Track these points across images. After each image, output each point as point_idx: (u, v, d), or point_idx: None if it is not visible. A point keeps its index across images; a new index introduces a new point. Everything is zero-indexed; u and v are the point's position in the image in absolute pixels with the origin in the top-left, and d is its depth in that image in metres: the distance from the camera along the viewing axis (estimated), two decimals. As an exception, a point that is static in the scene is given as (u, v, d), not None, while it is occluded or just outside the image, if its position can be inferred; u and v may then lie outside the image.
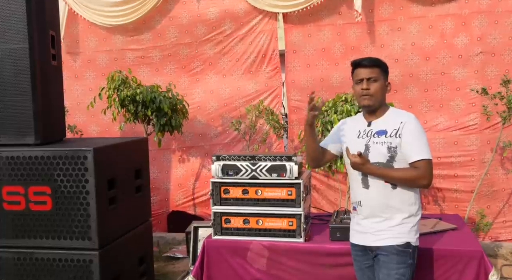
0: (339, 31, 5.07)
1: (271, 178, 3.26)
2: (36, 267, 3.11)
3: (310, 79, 5.21)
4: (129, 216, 3.54)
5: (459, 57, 4.81)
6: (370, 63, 2.52)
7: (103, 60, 5.69)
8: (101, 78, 5.62)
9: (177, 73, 5.54)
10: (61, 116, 3.57)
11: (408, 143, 2.44)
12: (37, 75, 3.13)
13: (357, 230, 2.62)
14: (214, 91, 5.48)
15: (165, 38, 5.51)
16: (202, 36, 5.41)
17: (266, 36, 5.29)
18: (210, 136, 5.55)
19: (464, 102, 4.82)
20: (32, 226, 3.08)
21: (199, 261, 3.36)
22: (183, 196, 5.65)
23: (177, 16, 5.45)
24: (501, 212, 4.86)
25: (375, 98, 2.51)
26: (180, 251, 5.05)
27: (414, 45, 4.90)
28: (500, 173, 4.81)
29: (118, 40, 5.62)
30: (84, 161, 2.98)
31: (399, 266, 2.44)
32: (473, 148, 4.83)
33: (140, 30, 5.56)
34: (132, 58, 5.61)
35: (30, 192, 3.06)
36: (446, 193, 4.93)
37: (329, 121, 4.23)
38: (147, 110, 4.82)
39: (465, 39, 4.78)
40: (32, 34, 3.09)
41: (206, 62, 5.48)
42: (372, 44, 5.01)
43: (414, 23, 4.89)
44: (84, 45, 5.68)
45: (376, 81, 2.51)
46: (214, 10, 5.35)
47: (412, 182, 2.45)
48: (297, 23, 5.19)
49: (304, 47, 5.20)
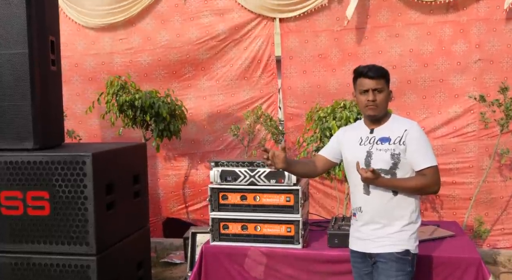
0: (337, 37, 5.06)
1: (270, 184, 3.26)
2: (33, 272, 3.09)
3: (306, 85, 5.19)
4: (127, 221, 3.54)
5: (457, 64, 4.82)
6: (376, 74, 2.50)
7: (90, 64, 5.55)
8: (87, 82, 5.52)
9: (166, 79, 5.42)
10: (60, 121, 3.57)
11: (414, 151, 2.44)
12: (36, 80, 3.13)
13: (357, 236, 2.62)
14: (207, 97, 5.41)
15: (155, 41, 5.39)
16: (195, 40, 5.31)
17: (262, 42, 5.24)
18: (202, 143, 5.47)
19: (462, 109, 4.83)
20: (30, 231, 3.07)
21: (197, 267, 3.35)
22: (177, 203, 5.59)
23: (169, 19, 5.33)
24: (499, 219, 4.86)
25: (380, 108, 2.52)
26: (178, 257, 5.03)
27: (412, 51, 4.91)
28: (498, 180, 4.81)
29: (106, 43, 5.48)
30: (82, 166, 2.98)
31: (398, 274, 2.44)
32: (471, 155, 4.85)
33: (129, 33, 5.42)
34: (120, 62, 5.47)
35: (28, 197, 3.05)
36: (444, 200, 4.93)
37: (327, 128, 4.24)
38: (145, 115, 4.82)
39: (464, 46, 4.80)
40: (32, 40, 3.09)
41: (199, 67, 5.37)
42: (369, 50, 5.00)
43: (412, 29, 4.89)
44: (72, 48, 5.50)
45: (381, 91, 2.51)
46: (208, 14, 5.26)
47: (424, 190, 2.49)
48: (294, 29, 5.17)
49: (301, 53, 5.17)
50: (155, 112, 4.80)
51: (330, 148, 2.79)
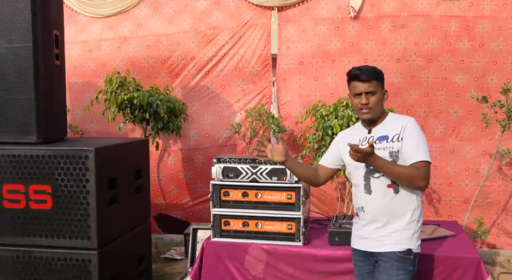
0: (337, 26, 4.85)
1: (271, 182, 3.27)
2: (34, 265, 3.11)
3: (303, 77, 4.98)
4: (128, 216, 3.55)
5: (461, 62, 4.73)
6: (367, 77, 2.50)
7: (77, 52, 5.35)
8: (72, 71, 5.26)
9: (155, 68, 5.21)
10: (63, 115, 3.59)
11: (409, 144, 2.44)
12: (40, 74, 3.14)
13: (359, 235, 2.62)
14: (195, 89, 5.20)
15: (146, 28, 5.18)
16: (187, 28, 5.10)
17: (258, 31, 5.03)
18: (191, 141, 5.30)
19: (463, 110, 4.76)
20: (32, 224, 3.09)
21: (198, 262, 3.36)
22: (166, 200, 5.47)
23: (162, 5, 5.13)
24: (499, 219, 4.86)
25: (374, 111, 2.53)
26: (178, 252, 5.04)
27: (417, 45, 4.76)
28: (497, 183, 4.78)
29: (96, 30, 5.30)
30: (85, 161, 2.99)
31: (399, 273, 2.45)
32: (469, 157, 4.81)
33: (120, 19, 5.22)
34: (108, 50, 5.28)
35: (30, 190, 3.07)
36: (442, 202, 4.91)
37: (329, 126, 4.24)
38: (144, 114, 4.75)
39: (468, 44, 4.70)
40: (36, 33, 3.10)
41: (188, 57, 5.16)
42: (372, 40, 4.82)
43: (418, 21, 4.73)
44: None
45: (374, 94, 2.51)
46: (203, 1, 5.07)
47: (411, 180, 2.41)
48: (292, 18, 4.94)
49: (298, 43, 4.93)
50: (153, 111, 4.73)
51: (330, 156, 2.79)
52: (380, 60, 4.82)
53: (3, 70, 3.13)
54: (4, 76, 3.14)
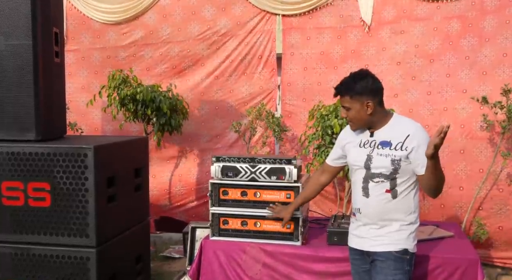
0: (340, 34, 5.01)
1: (270, 181, 3.27)
2: (33, 263, 3.11)
3: (307, 82, 5.13)
4: (127, 214, 3.55)
5: (466, 59, 4.68)
6: (340, 93, 2.54)
7: (97, 58, 5.61)
8: (93, 76, 5.58)
9: (167, 73, 5.43)
10: (62, 113, 3.58)
11: (421, 155, 2.32)
12: (40, 72, 3.13)
13: (356, 234, 2.63)
14: (205, 93, 5.39)
15: (157, 36, 5.42)
16: (196, 35, 5.32)
17: (264, 37, 5.21)
18: (199, 139, 5.44)
19: (471, 106, 4.64)
20: (30, 222, 3.09)
21: (196, 261, 3.36)
22: (168, 201, 5.54)
23: (171, 13, 5.35)
24: (498, 219, 4.84)
25: (355, 124, 2.56)
26: (177, 251, 5.05)
27: (418, 47, 4.79)
28: (498, 184, 4.75)
29: (111, 37, 5.54)
30: (84, 159, 2.99)
31: (395, 272, 2.45)
32: (475, 157, 4.76)
33: (132, 27, 5.47)
34: (124, 56, 5.51)
35: (29, 188, 3.06)
36: (443, 203, 4.89)
37: (329, 126, 4.24)
38: (147, 109, 4.82)
39: (473, 40, 4.65)
40: (36, 31, 3.10)
41: (198, 63, 5.38)
42: (373, 47, 4.93)
43: (418, 26, 4.77)
44: (78, 42, 5.59)
45: (349, 109, 2.52)
46: (210, 8, 5.26)
47: (441, 187, 2.41)
48: (297, 25, 5.12)
49: (303, 49, 5.12)
50: (156, 107, 4.81)
51: (334, 154, 2.85)
52: (380, 64, 4.90)
53: (2, 67, 3.13)
54: (3, 73, 3.13)
